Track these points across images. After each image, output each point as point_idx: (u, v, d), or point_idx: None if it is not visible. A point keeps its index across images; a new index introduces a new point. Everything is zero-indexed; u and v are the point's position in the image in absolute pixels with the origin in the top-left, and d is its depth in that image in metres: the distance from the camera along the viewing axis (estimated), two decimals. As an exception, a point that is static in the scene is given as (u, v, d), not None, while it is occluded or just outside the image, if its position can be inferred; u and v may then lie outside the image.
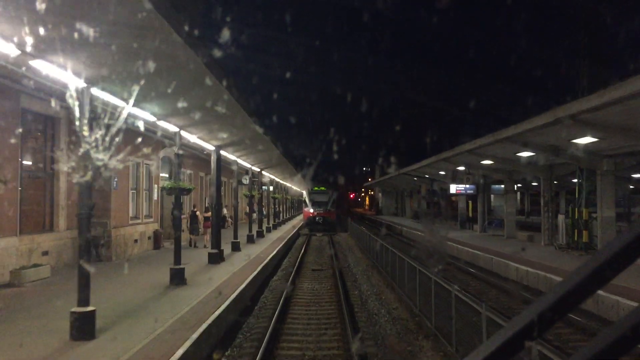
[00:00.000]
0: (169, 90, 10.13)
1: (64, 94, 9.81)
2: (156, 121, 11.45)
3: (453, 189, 32.25)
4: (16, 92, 12.51)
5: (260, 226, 29.27)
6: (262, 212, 32.64)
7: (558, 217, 21.53)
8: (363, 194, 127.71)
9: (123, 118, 10.07)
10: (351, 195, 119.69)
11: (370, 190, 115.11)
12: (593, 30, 22.91)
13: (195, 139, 14.77)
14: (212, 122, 13.30)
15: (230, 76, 11.33)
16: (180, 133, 12.66)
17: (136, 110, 10.36)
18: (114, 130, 10.48)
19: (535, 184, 45.35)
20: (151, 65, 8.47)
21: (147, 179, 20.75)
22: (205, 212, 23.65)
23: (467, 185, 31.33)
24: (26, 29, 6.45)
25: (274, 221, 38.56)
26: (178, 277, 12.24)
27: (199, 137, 14.72)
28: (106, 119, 9.75)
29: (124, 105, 9.36)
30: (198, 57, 8.51)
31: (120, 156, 11.71)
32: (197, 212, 23.51)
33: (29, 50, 6.93)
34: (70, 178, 15.96)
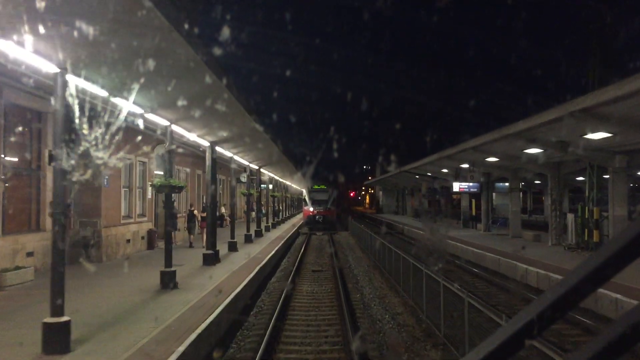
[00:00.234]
0: (159, 80, 9.39)
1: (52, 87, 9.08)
2: (144, 114, 10.67)
3: (456, 187, 31.47)
4: (-2, 85, 11.77)
5: (259, 225, 28.53)
6: (261, 211, 31.95)
7: (567, 216, 20.75)
8: (363, 193, 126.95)
9: (104, 109, 9.33)
10: (351, 194, 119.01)
11: (370, 189, 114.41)
12: (602, 26, 22.17)
13: (188, 134, 14.02)
14: (205, 116, 12.52)
15: (230, 73, 10.66)
16: (170, 127, 11.89)
17: (121, 102, 9.59)
18: (99, 123, 9.74)
19: (538, 182, 45.00)
20: (134, 50, 7.73)
21: (141, 176, 19.99)
22: (202, 212, 22.95)
23: (471, 183, 30.57)
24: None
25: (273, 220, 37.85)
26: (169, 281, 11.49)
27: (190, 131, 13.94)
28: (86, 111, 9.00)
29: (106, 95, 8.61)
30: (184, 40, 7.76)
31: (110, 152, 10.97)
32: (195, 211, 22.83)
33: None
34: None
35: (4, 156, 12.56)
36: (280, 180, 45.88)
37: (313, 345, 9.64)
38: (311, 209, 45.67)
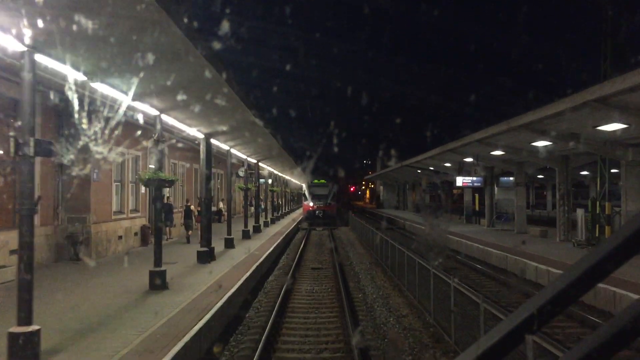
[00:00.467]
0: (145, 64, 8.59)
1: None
2: (131, 102, 9.88)
3: (459, 181, 30.61)
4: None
5: (257, 220, 27.78)
6: (260, 206, 31.20)
7: (577, 211, 19.97)
8: (364, 187, 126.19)
9: (85, 94, 8.55)
10: (352, 189, 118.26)
11: (371, 184, 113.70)
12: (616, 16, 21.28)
13: (179, 124, 13.24)
14: (197, 105, 11.74)
15: (229, 67, 9.89)
16: (160, 117, 11.11)
17: (103, 87, 8.81)
18: (82, 111, 8.94)
19: (541, 176, 44.30)
20: (115, 27, 6.95)
21: (134, 170, 19.21)
22: (199, 206, 22.20)
23: (475, 178, 29.75)
24: None
25: (273, 215, 37.10)
26: (158, 281, 10.73)
27: (180, 121, 13.15)
28: (70, 97, 8.22)
29: (84, 79, 7.83)
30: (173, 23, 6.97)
31: (99, 144, 10.21)
32: (192, 207, 22.11)
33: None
34: (44, 168, 14.50)
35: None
36: (280, 174, 45.11)
37: (312, 353, 8.90)
38: (311, 204, 44.87)
